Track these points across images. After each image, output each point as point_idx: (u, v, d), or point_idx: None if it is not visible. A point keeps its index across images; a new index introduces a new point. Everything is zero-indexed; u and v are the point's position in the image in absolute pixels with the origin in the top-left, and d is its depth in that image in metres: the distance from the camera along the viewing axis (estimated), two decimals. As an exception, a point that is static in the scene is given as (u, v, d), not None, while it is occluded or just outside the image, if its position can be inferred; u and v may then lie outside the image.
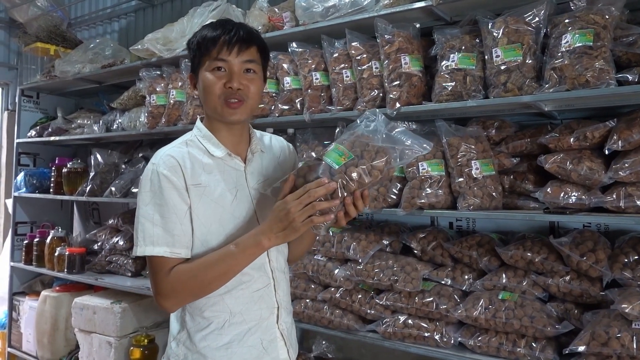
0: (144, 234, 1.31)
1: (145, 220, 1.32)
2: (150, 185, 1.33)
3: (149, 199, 1.33)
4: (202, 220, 1.35)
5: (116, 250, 3.41)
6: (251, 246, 1.28)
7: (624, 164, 1.69)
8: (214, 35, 1.36)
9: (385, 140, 1.27)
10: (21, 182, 3.98)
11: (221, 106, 1.37)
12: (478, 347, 1.89)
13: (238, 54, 1.36)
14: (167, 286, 1.31)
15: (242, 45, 1.37)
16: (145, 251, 1.31)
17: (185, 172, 1.34)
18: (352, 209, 1.25)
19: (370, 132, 1.30)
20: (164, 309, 1.35)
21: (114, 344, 3.00)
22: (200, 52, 1.38)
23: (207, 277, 1.29)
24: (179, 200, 1.33)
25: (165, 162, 1.34)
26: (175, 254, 1.31)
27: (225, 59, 1.36)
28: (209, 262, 1.30)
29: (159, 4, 3.78)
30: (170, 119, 2.92)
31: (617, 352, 1.58)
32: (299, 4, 2.39)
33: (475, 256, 2.04)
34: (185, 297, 1.33)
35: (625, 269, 1.76)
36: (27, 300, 3.86)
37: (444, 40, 2.05)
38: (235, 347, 1.38)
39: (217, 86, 1.36)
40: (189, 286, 1.31)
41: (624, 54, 1.78)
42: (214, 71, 1.37)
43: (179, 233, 1.32)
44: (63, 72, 3.60)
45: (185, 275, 1.30)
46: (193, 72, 1.45)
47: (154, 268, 1.32)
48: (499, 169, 2.05)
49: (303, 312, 2.31)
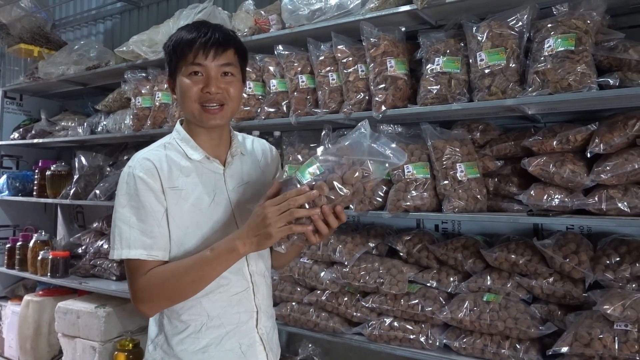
0: (121, 237, 1.30)
1: (122, 223, 1.30)
2: (127, 188, 1.32)
3: (126, 202, 1.31)
4: (178, 223, 1.34)
5: (100, 253, 3.37)
6: (226, 252, 1.25)
7: (606, 166, 1.72)
8: (189, 39, 1.34)
9: (366, 153, 1.21)
10: (4, 185, 3.92)
11: (199, 111, 1.35)
12: (463, 349, 1.90)
13: (215, 58, 1.34)
14: (143, 290, 1.29)
15: (218, 49, 1.34)
16: (122, 254, 1.29)
17: (162, 175, 1.33)
18: (321, 225, 1.19)
19: (354, 145, 1.24)
20: (141, 312, 1.32)
21: (98, 349, 2.96)
22: (177, 56, 1.36)
23: (182, 282, 1.27)
24: (156, 202, 1.31)
25: (141, 165, 1.33)
26: (152, 256, 1.30)
27: (201, 63, 1.34)
28: (183, 267, 1.27)
29: (144, 6, 3.76)
30: (156, 121, 2.90)
31: (600, 352, 1.60)
32: (285, 6, 2.40)
33: (461, 258, 2.05)
34: (161, 301, 1.31)
35: (607, 271, 1.78)
36: (10, 305, 3.80)
37: (429, 44, 2.07)
38: (213, 351, 1.37)
39: (194, 91, 1.34)
40: (164, 290, 1.28)
41: (605, 58, 1.80)
42: (190, 76, 1.34)
43: (156, 235, 1.30)
44: (47, 73, 3.56)
45: (159, 279, 1.28)
46: (170, 77, 1.42)
47: (131, 271, 1.31)
48: (484, 171, 2.06)
49: (289, 315, 2.31)
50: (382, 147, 1.22)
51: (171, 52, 1.38)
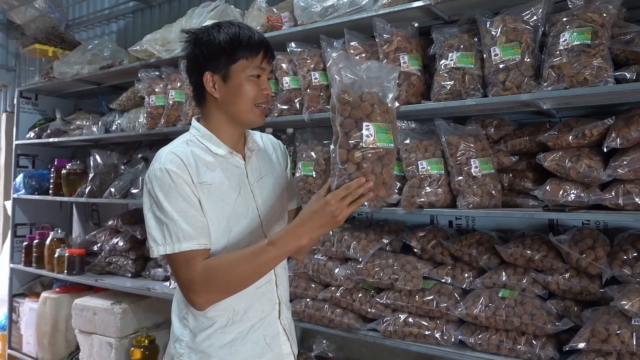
0: (169, 232, 1.29)
1: (165, 219, 1.30)
2: (161, 183, 1.31)
3: (163, 197, 1.30)
4: (211, 217, 1.35)
5: (116, 251, 3.40)
6: (293, 245, 1.28)
7: (623, 161, 1.70)
8: (257, 41, 1.38)
9: (367, 83, 1.28)
10: (20, 183, 3.97)
11: (253, 111, 1.40)
12: (478, 344, 1.89)
13: (269, 63, 1.43)
14: (200, 282, 1.28)
15: (272, 55, 1.43)
16: (174, 248, 1.29)
17: (191, 170, 1.34)
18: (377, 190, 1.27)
19: None
20: (196, 305, 1.32)
21: (115, 345, 3.00)
22: (238, 54, 1.36)
23: (243, 274, 1.29)
24: (192, 194, 1.33)
25: (171, 159, 1.34)
26: (202, 245, 1.31)
27: (265, 68, 1.41)
28: (244, 259, 1.29)
29: (157, 5, 3.78)
30: (170, 119, 2.92)
31: (617, 348, 1.59)
32: (298, 4, 2.40)
33: (475, 254, 2.04)
34: (219, 293, 1.32)
35: (624, 266, 1.77)
36: (27, 301, 3.86)
37: (443, 39, 2.06)
38: (239, 345, 1.39)
39: (255, 92, 1.39)
40: (224, 283, 1.29)
41: (622, 52, 1.78)
42: (253, 77, 1.39)
43: (200, 225, 1.32)
44: (61, 73, 3.59)
45: (219, 271, 1.28)
46: (213, 71, 1.38)
47: (183, 264, 1.30)
48: (498, 167, 2.05)
49: (303, 312, 2.32)
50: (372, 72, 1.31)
51: (231, 50, 1.36)
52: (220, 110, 1.42)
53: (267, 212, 1.48)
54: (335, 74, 1.28)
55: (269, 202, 1.49)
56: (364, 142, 1.24)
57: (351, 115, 1.26)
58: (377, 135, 1.25)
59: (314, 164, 2.38)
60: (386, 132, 1.27)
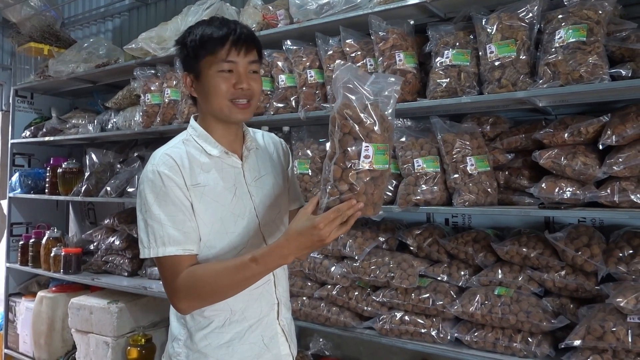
0: (154, 235, 1.29)
1: (152, 222, 1.30)
2: (152, 185, 1.31)
3: (153, 200, 1.31)
4: (204, 220, 1.34)
5: (112, 250, 3.40)
6: (276, 264, 1.26)
7: (618, 158, 1.70)
8: (221, 35, 1.33)
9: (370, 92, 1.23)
10: (16, 182, 3.96)
11: (228, 107, 1.36)
12: (474, 342, 1.89)
13: (245, 55, 1.36)
14: (182, 288, 1.28)
15: (248, 46, 1.36)
16: (158, 252, 1.29)
17: (184, 172, 1.34)
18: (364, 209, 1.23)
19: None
20: (179, 310, 1.33)
21: (111, 344, 3.00)
22: (204, 51, 1.34)
23: (225, 286, 1.28)
24: (183, 197, 1.32)
25: (164, 162, 1.33)
26: (187, 250, 1.30)
27: (234, 60, 1.35)
28: (227, 272, 1.27)
29: (152, 3, 3.77)
30: (165, 117, 2.91)
31: (613, 345, 1.59)
32: (293, 1, 2.39)
33: (471, 252, 2.04)
34: (201, 301, 1.32)
35: (620, 263, 1.77)
36: (24, 301, 3.85)
37: (438, 36, 2.05)
38: (237, 345, 1.39)
39: (226, 87, 1.35)
40: (205, 292, 1.28)
41: (618, 49, 1.78)
42: (221, 72, 1.35)
43: (188, 230, 1.31)
44: (57, 72, 3.58)
45: (200, 281, 1.27)
46: (189, 72, 1.41)
47: (167, 269, 1.30)
48: (494, 165, 2.05)
49: (300, 310, 2.31)
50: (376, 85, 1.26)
51: (196, 48, 1.36)
52: (204, 109, 1.43)
53: (264, 212, 1.46)
54: (340, 88, 1.23)
55: (267, 202, 1.47)
56: (361, 163, 1.19)
57: (351, 133, 1.20)
58: (375, 156, 1.20)
59: (310, 162, 2.37)
60: (384, 153, 1.22)
